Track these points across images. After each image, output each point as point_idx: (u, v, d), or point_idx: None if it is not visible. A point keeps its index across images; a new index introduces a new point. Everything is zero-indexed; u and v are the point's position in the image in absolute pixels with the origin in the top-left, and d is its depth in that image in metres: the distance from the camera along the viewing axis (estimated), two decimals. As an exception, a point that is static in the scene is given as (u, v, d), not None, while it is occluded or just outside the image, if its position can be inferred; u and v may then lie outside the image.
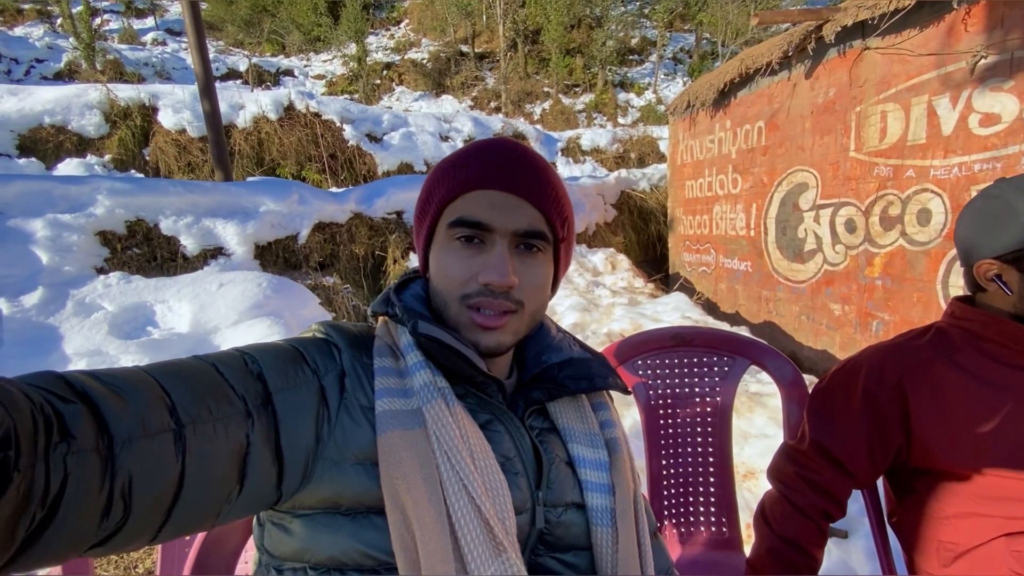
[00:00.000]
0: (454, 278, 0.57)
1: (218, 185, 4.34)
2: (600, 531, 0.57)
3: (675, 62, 18.30)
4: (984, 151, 2.46)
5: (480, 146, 0.60)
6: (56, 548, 0.35)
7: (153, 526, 0.39)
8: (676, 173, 5.41)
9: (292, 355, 0.52)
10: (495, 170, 0.57)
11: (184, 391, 0.42)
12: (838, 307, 3.40)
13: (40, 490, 0.33)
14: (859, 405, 0.85)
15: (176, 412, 0.41)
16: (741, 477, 1.89)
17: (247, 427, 0.45)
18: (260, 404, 0.46)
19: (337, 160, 7.09)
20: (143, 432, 0.38)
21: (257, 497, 0.46)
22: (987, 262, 0.80)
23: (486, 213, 0.56)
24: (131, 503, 0.37)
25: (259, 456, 0.45)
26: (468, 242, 0.57)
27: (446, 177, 0.59)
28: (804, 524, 0.85)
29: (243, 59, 16.31)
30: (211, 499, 0.42)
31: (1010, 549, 0.74)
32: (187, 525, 0.42)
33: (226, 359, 0.48)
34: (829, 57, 3.30)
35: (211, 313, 3.29)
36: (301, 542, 0.49)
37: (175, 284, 3.43)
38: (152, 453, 0.38)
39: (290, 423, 0.47)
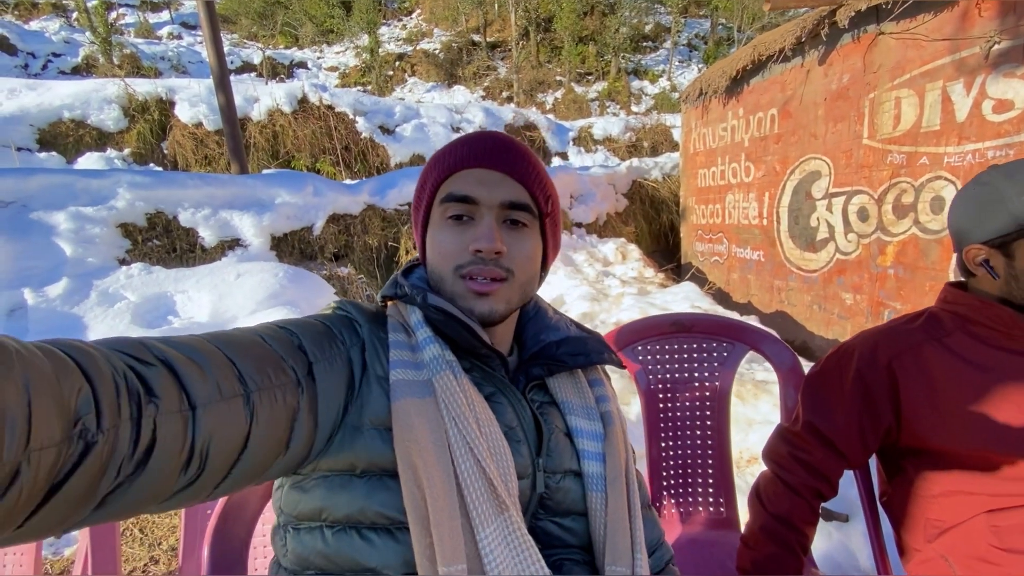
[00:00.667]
0: (447, 252, 0.61)
1: (234, 178, 4.43)
2: (594, 496, 0.62)
3: (690, 48, 18.01)
4: (998, 137, 2.42)
5: (468, 136, 0.66)
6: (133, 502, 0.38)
7: (215, 482, 0.43)
8: (689, 162, 5.38)
9: (324, 330, 0.56)
10: (480, 151, 0.63)
11: (247, 361, 0.46)
12: (850, 296, 3.38)
13: (126, 449, 0.36)
14: (851, 387, 0.87)
15: (244, 379, 0.45)
16: (745, 462, 1.92)
17: (298, 395, 0.49)
18: (306, 374, 0.51)
19: (351, 152, 7.15)
20: (219, 396, 0.42)
21: (294, 459, 0.50)
22: (975, 247, 0.82)
23: (473, 188, 0.61)
24: (207, 460, 0.41)
25: (304, 422, 0.49)
26: (458, 220, 0.62)
27: (437, 164, 0.65)
28: (796, 502, 0.88)
29: (257, 52, 16.43)
30: (264, 460, 0.47)
31: (990, 524, 0.76)
32: (239, 483, 0.46)
33: (271, 332, 0.52)
34: (843, 43, 3.25)
35: (229, 303, 3.38)
36: (318, 502, 0.53)
37: (194, 275, 3.52)
38: (227, 415, 0.43)
39: (326, 392, 0.52)
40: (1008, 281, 0.80)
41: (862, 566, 1.45)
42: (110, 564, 1.01)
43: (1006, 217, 0.76)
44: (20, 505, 0.31)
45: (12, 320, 2.99)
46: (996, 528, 0.75)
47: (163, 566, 1.87)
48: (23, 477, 0.30)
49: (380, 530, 0.52)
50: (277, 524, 0.59)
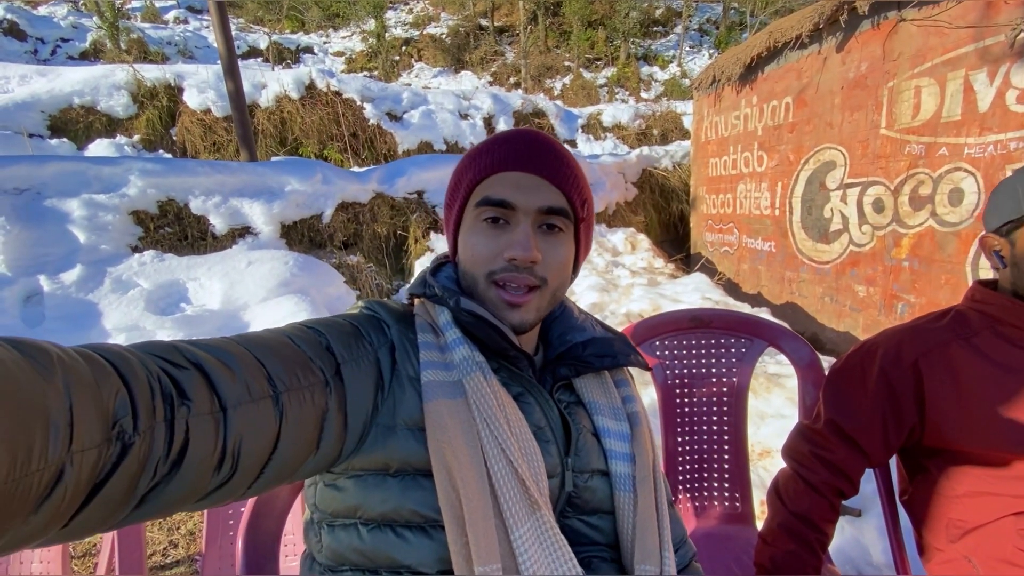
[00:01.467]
0: (481, 256, 0.61)
1: (244, 165, 4.43)
2: (622, 496, 0.62)
3: (701, 34, 17.68)
4: (1021, 128, 2.37)
5: (505, 134, 0.64)
6: (171, 501, 0.39)
7: (248, 482, 0.44)
8: (700, 150, 5.31)
9: (351, 330, 0.56)
10: (518, 153, 0.61)
11: (276, 362, 0.47)
12: (863, 288, 3.35)
13: (162, 450, 0.37)
14: (875, 385, 0.87)
15: (272, 381, 0.45)
16: (757, 456, 1.92)
17: (327, 395, 0.50)
18: (334, 374, 0.51)
19: (358, 139, 7.13)
20: (249, 397, 0.43)
21: (325, 459, 0.51)
22: (990, 236, 0.85)
23: (510, 192, 0.60)
24: (239, 460, 0.42)
25: (333, 422, 0.50)
26: (494, 223, 0.61)
27: (473, 163, 0.63)
28: (816, 501, 0.88)
29: (263, 36, 16.31)
30: (295, 459, 0.47)
31: (1017, 527, 0.76)
32: (271, 482, 0.47)
33: (299, 333, 0.53)
34: (862, 29, 3.18)
35: (240, 290, 3.40)
36: (353, 500, 0.54)
37: (206, 262, 3.55)
38: (257, 416, 0.43)
39: (355, 392, 0.52)
40: (1012, 269, 0.82)
41: (875, 561, 1.46)
42: (135, 548, 1.03)
43: (1013, 205, 0.79)
44: (65, 505, 0.32)
45: (29, 306, 3.03)
46: (1023, 531, 0.75)
47: (182, 550, 1.91)
48: (67, 478, 0.31)
49: (415, 528, 0.53)
50: (310, 520, 0.60)
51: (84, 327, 3.01)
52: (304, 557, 0.62)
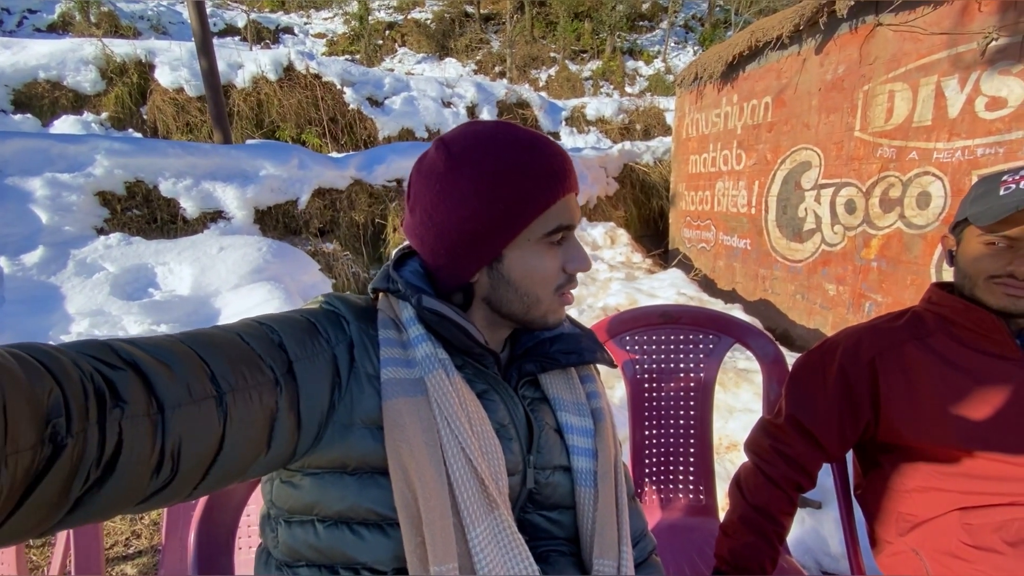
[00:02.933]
0: (551, 276, 0.62)
1: (217, 147, 4.30)
2: (583, 491, 0.63)
3: (686, 30, 17.76)
4: (988, 135, 2.44)
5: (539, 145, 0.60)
6: (107, 505, 0.38)
7: (192, 484, 0.43)
8: (681, 147, 5.36)
9: (306, 326, 0.55)
10: (565, 174, 0.61)
11: (220, 360, 0.45)
12: (833, 287, 3.43)
13: (94, 453, 0.36)
14: (834, 382, 0.89)
15: (216, 380, 0.44)
16: (724, 449, 1.96)
17: (277, 394, 0.48)
18: (285, 372, 0.50)
19: (337, 124, 6.99)
20: (190, 398, 0.41)
21: (277, 458, 0.50)
22: (946, 236, 0.90)
23: (573, 215, 0.62)
24: (179, 463, 0.41)
25: (285, 421, 0.49)
26: (555, 243, 0.62)
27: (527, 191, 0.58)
28: (776, 494, 0.91)
29: (241, 15, 15.82)
30: (243, 460, 0.46)
31: (962, 522, 0.79)
32: (218, 483, 0.46)
33: (249, 330, 0.51)
34: (841, 32, 3.23)
35: (212, 276, 3.32)
36: (309, 497, 0.54)
37: (176, 246, 3.45)
38: (198, 417, 0.42)
39: (309, 390, 0.51)
40: (957, 267, 0.86)
41: (832, 552, 1.50)
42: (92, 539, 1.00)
43: (964, 206, 0.84)
44: None
45: (-15, 288, 2.90)
46: (968, 526, 0.78)
47: (145, 540, 1.87)
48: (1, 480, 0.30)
49: (372, 526, 0.53)
50: (266, 514, 0.59)
51: (46, 311, 2.91)
52: (260, 550, 0.61)
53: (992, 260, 0.80)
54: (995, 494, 0.77)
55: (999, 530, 0.76)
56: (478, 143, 0.59)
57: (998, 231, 0.78)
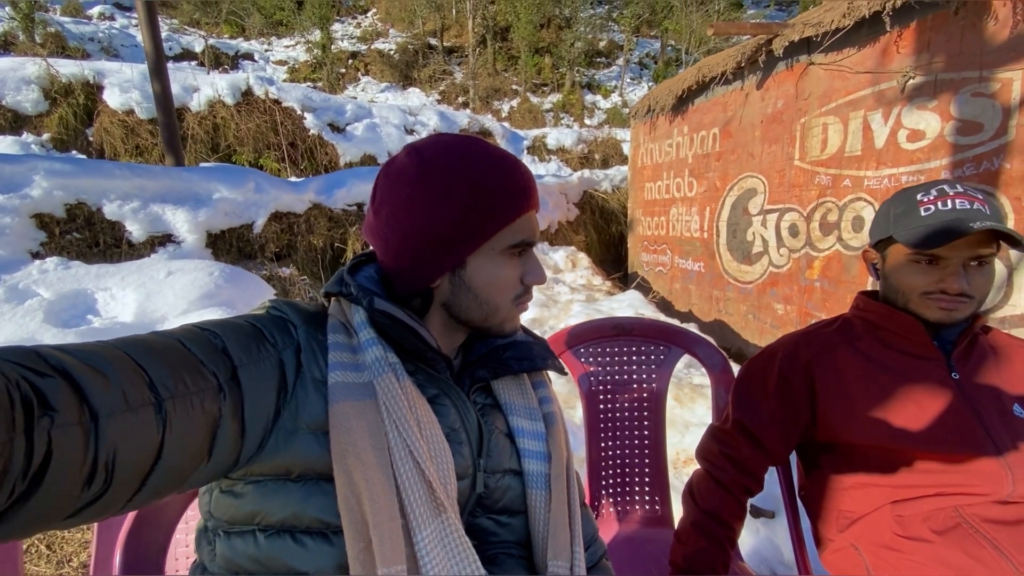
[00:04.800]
0: (509, 286, 0.64)
1: (168, 169, 4.17)
2: (536, 494, 0.63)
3: (641, 67, 18.68)
4: (911, 164, 2.66)
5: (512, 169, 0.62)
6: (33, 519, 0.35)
7: (127, 495, 0.41)
8: (636, 175, 5.56)
9: (252, 331, 0.53)
10: (530, 191, 0.63)
11: (159, 366, 0.43)
12: (781, 307, 3.59)
13: (21, 464, 0.33)
14: (774, 386, 0.93)
15: (155, 386, 0.42)
16: (682, 463, 1.99)
17: (220, 401, 0.47)
18: (229, 378, 0.48)
19: (297, 149, 6.91)
20: (126, 405, 0.40)
21: (220, 466, 0.48)
22: (869, 250, 0.96)
23: (534, 231, 0.65)
24: (113, 473, 0.39)
25: (228, 428, 0.47)
26: (516, 255, 0.64)
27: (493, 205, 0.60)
28: (726, 499, 0.93)
29: (199, 40, 15.61)
30: (183, 469, 0.44)
31: (894, 514, 0.83)
32: (156, 494, 0.44)
33: (190, 335, 0.49)
34: (778, 70, 3.48)
35: (158, 302, 3.17)
36: (251, 506, 0.52)
37: (119, 271, 3.28)
38: (135, 425, 0.40)
39: (254, 396, 0.50)
40: (883, 280, 0.92)
41: (786, 560, 1.53)
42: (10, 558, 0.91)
43: (885, 225, 0.90)
44: None
45: (-102, 316, 2.67)
46: (899, 517, 0.82)
47: None
48: None
49: (315, 534, 0.52)
50: (203, 528, 0.56)
51: (-32, 340, 2.69)
52: (194, 567, 0.58)
53: (922, 277, 0.85)
54: (922, 486, 0.81)
55: (927, 520, 0.80)
56: (451, 153, 0.61)
57: (924, 249, 0.83)
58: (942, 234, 0.79)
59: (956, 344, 0.87)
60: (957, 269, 0.82)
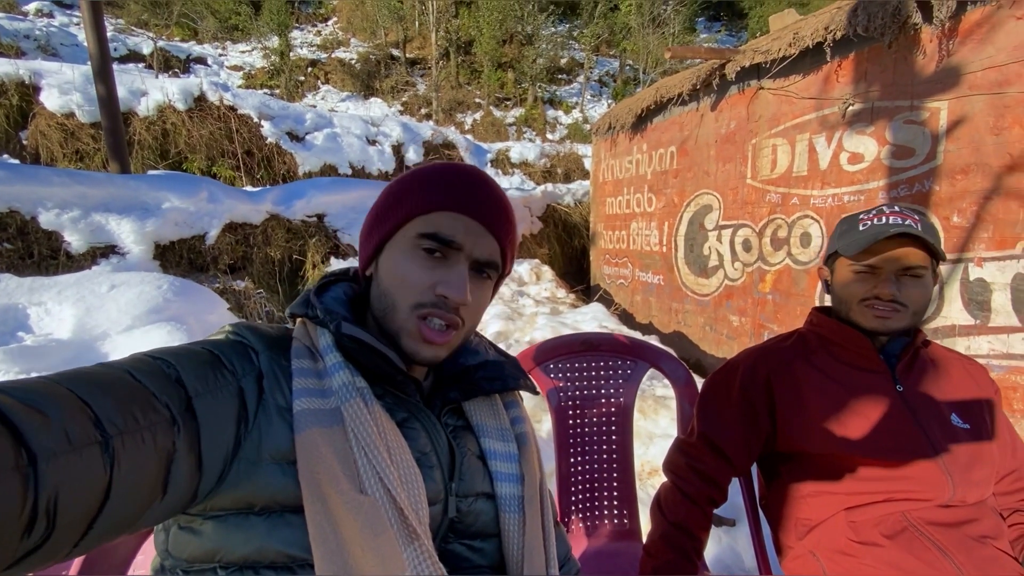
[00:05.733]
0: (412, 284, 0.59)
1: (113, 177, 3.96)
2: (508, 517, 0.62)
3: (601, 84, 19.21)
4: (852, 184, 2.84)
5: (458, 170, 0.63)
6: None
7: (72, 540, 0.38)
8: (598, 190, 5.69)
9: (208, 358, 0.51)
10: (475, 199, 0.61)
11: (105, 401, 0.41)
12: (736, 319, 3.73)
13: None
14: (736, 400, 0.96)
15: (101, 423, 0.39)
16: (646, 474, 2.03)
17: (173, 434, 0.44)
18: (183, 409, 0.46)
19: (253, 158, 6.70)
20: (68, 445, 0.37)
21: (176, 503, 0.45)
22: (821, 268, 1.03)
23: (460, 235, 0.60)
24: (55, 519, 0.36)
25: (183, 462, 0.45)
26: (430, 254, 0.60)
27: (422, 190, 0.61)
28: (692, 510, 0.95)
29: (147, 41, 14.96)
30: (135, 508, 0.42)
31: (847, 520, 0.87)
32: (105, 536, 0.41)
33: (140, 365, 0.47)
34: (731, 93, 3.65)
35: (99, 317, 2.98)
36: (212, 543, 0.49)
37: (55, 285, 3.07)
38: (79, 467, 0.37)
39: (212, 427, 0.47)
40: (833, 294, 0.99)
41: (747, 566, 1.58)
42: None
43: (833, 241, 0.98)
44: None
45: None
46: (853, 523, 0.86)
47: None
48: None
49: (280, 569, 0.49)
50: (159, 568, 0.53)
51: None
52: (147, 612, 0.54)
53: (860, 285, 0.92)
54: (874, 492, 0.86)
55: (878, 525, 0.84)
56: (430, 165, 0.63)
57: (862, 260, 0.91)
58: (870, 240, 0.88)
59: (900, 358, 0.93)
60: (889, 277, 0.89)
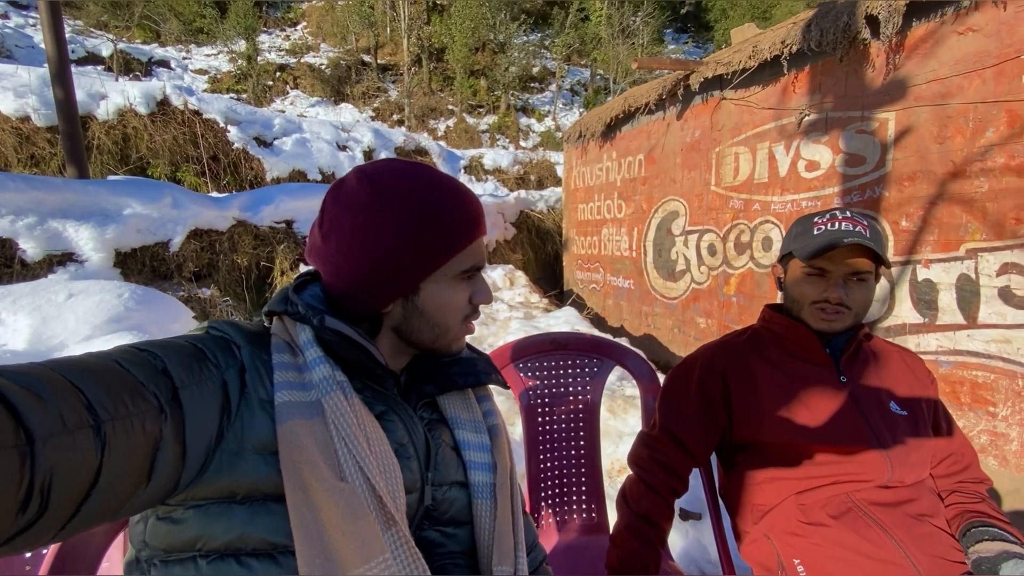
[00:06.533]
0: (460, 307, 0.67)
1: (71, 182, 3.82)
2: (481, 503, 0.66)
3: (572, 93, 19.51)
4: (809, 191, 2.97)
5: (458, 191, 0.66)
6: None
7: (61, 522, 0.39)
8: (570, 196, 5.78)
9: (193, 351, 0.53)
10: (480, 218, 0.67)
11: (97, 388, 0.42)
12: (703, 320, 3.84)
13: None
14: (695, 393, 1.01)
15: (93, 408, 0.41)
16: (616, 472, 2.07)
17: (161, 422, 0.45)
18: (170, 399, 0.47)
19: (219, 163, 6.56)
20: (63, 427, 0.38)
21: (159, 491, 0.47)
22: (775, 266, 1.09)
23: (483, 256, 0.69)
24: (49, 498, 0.37)
25: (168, 451, 0.46)
26: (467, 278, 0.67)
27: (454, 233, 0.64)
28: (656, 501, 0.99)
29: (107, 43, 14.50)
30: (120, 494, 0.43)
31: (797, 503, 0.92)
32: (90, 521, 0.42)
33: (128, 355, 0.48)
34: (695, 103, 3.78)
35: (56, 327, 2.87)
36: (193, 532, 0.50)
37: (9, 294, 2.95)
38: (73, 448, 0.39)
39: (196, 418, 0.49)
40: (784, 292, 1.05)
41: (712, 559, 1.63)
42: None
43: (787, 242, 1.04)
44: None
45: None
46: (802, 506, 0.92)
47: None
48: None
49: (261, 556, 0.51)
50: (134, 559, 0.53)
51: None
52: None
53: (811, 287, 0.98)
54: (821, 476, 0.92)
55: (825, 506, 0.90)
56: (403, 180, 0.62)
57: (814, 263, 0.97)
58: (824, 247, 0.93)
59: (844, 351, 0.99)
60: (838, 281, 0.95)
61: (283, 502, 0.51)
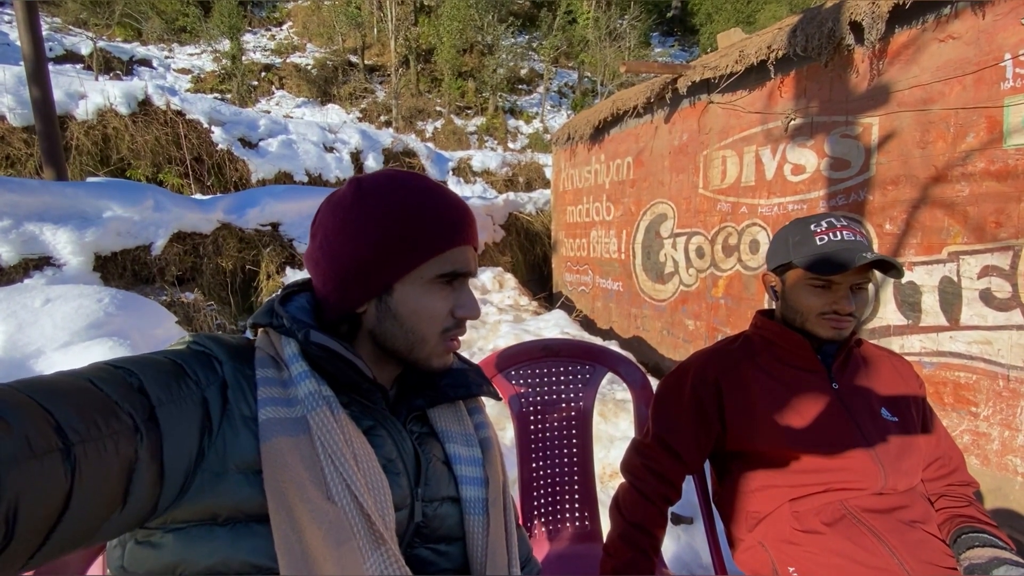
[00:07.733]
0: (437, 317, 0.63)
1: (48, 184, 3.73)
2: (474, 519, 0.64)
3: (560, 95, 19.56)
4: (795, 194, 3.00)
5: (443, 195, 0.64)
6: None
7: (29, 551, 0.37)
8: (559, 199, 5.78)
9: (171, 368, 0.51)
10: (469, 227, 0.65)
11: (67, 409, 0.40)
12: (692, 323, 3.86)
13: None
14: (688, 401, 1.01)
15: (63, 430, 0.39)
16: (607, 477, 2.06)
17: (136, 443, 0.44)
18: (146, 418, 0.45)
19: (203, 164, 6.46)
20: (30, 452, 0.36)
21: (135, 515, 0.45)
22: (768, 274, 1.07)
23: (468, 264, 0.65)
24: (15, 527, 0.35)
25: (145, 472, 0.44)
26: (446, 284, 0.64)
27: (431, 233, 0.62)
28: (649, 509, 0.98)
29: (86, 41, 14.20)
30: (93, 520, 0.41)
31: (791, 511, 0.92)
32: (62, 548, 0.40)
33: (102, 373, 0.46)
34: (683, 106, 3.81)
35: (32, 333, 2.79)
36: (173, 556, 0.48)
37: (-18, 298, 2.85)
38: (40, 473, 0.37)
39: (175, 437, 0.47)
40: (782, 302, 1.03)
41: (704, 563, 1.63)
42: None
43: (784, 251, 1.01)
44: None
45: None
46: (796, 513, 0.92)
47: None
48: None
49: None
50: None
51: None
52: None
53: (818, 299, 0.96)
54: (814, 484, 0.92)
55: (819, 514, 0.90)
56: (388, 182, 0.63)
57: (822, 275, 0.94)
58: (838, 264, 0.90)
59: (835, 357, 1.00)
60: (847, 292, 0.94)
61: (267, 523, 0.49)
